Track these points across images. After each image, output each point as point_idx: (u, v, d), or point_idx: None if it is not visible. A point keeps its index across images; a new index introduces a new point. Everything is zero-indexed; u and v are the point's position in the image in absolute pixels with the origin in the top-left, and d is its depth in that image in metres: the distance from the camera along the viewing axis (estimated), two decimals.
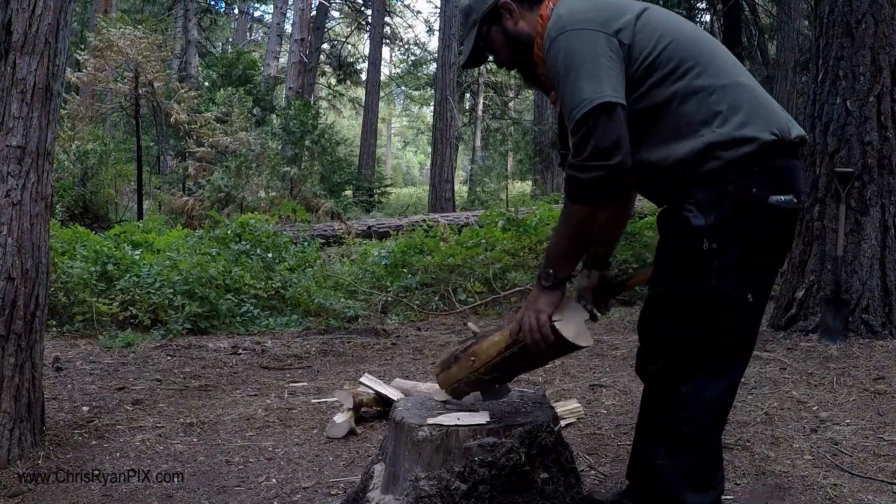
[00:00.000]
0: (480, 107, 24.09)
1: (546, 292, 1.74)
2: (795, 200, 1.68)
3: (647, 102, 1.69)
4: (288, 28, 20.44)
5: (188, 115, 12.75)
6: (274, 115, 16.90)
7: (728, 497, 2.21)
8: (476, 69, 23.24)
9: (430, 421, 1.86)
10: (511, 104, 26.25)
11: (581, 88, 1.61)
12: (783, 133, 1.68)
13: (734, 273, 1.66)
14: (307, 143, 15.45)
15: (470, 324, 2.14)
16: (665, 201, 1.78)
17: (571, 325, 1.75)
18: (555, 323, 1.73)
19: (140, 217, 10.45)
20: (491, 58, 1.96)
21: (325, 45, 25.16)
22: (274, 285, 6.02)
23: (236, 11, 26.86)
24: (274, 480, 2.54)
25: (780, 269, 1.85)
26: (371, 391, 3.13)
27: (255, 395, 3.67)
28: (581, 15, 1.71)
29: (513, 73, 2.06)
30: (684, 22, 1.84)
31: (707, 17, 12.02)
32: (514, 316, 1.84)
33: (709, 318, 1.69)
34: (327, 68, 26.75)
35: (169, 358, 4.42)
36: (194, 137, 13.32)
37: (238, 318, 5.52)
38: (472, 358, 1.92)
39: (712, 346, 1.70)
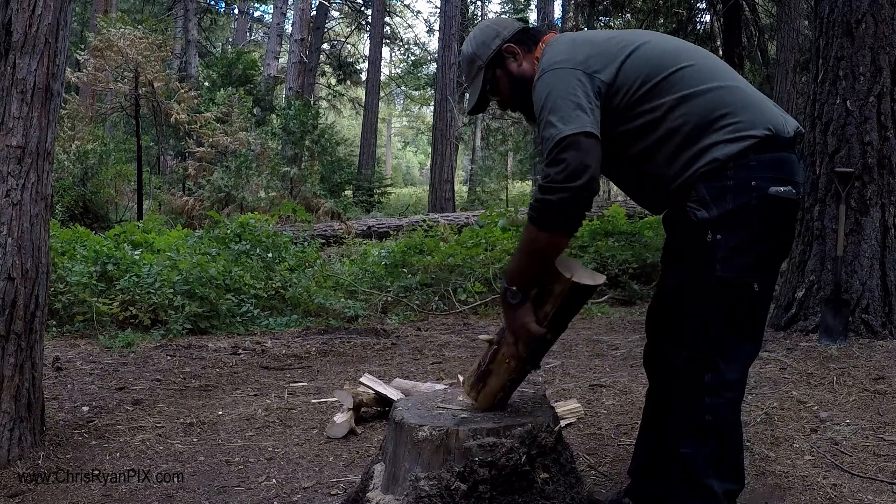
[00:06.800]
0: None
1: (519, 308, 1.81)
2: (794, 192, 1.76)
3: (641, 121, 1.79)
4: (288, 28, 20.45)
5: (188, 115, 12.75)
6: (274, 115, 16.92)
7: None
8: None
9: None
10: None
11: (554, 121, 1.71)
12: (777, 128, 1.76)
13: (738, 262, 1.73)
14: (307, 143, 15.46)
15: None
16: (667, 206, 1.87)
17: (582, 273, 1.81)
18: (573, 279, 1.76)
19: (140, 217, 10.45)
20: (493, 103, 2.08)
21: (325, 45, 25.15)
22: (274, 285, 6.02)
23: (236, 11, 26.86)
24: (274, 480, 2.54)
25: (784, 260, 1.90)
26: (371, 391, 3.13)
27: (255, 395, 3.67)
28: (561, 55, 1.82)
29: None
30: (673, 40, 1.93)
31: (707, 17, 12.02)
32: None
33: (719, 307, 1.75)
34: (327, 68, 26.74)
35: (169, 358, 4.42)
36: (194, 137, 13.32)
37: (238, 318, 5.52)
38: (507, 361, 1.90)
39: (724, 335, 1.77)
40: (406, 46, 28.67)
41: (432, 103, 20.01)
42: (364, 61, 26.26)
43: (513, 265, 1.82)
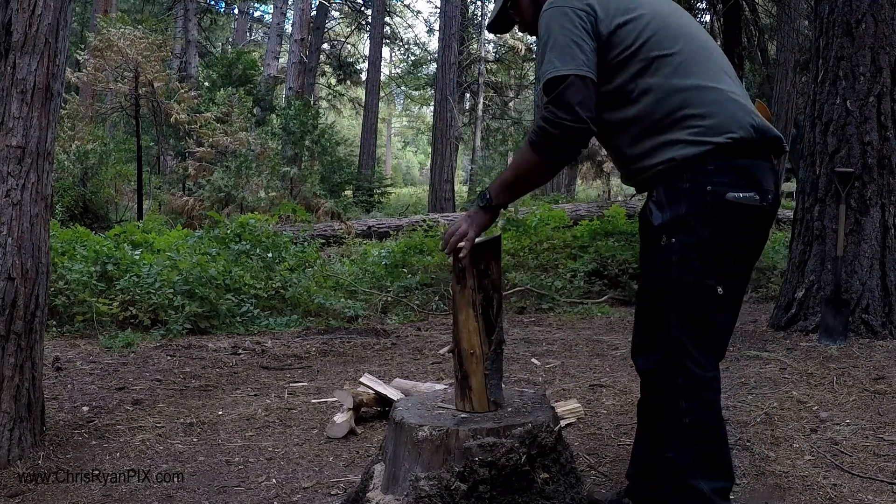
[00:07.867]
0: (480, 107, 24.07)
1: (480, 212, 1.92)
2: (758, 198, 1.74)
3: (618, 93, 1.81)
4: (288, 28, 20.45)
5: (188, 115, 12.74)
6: (274, 115, 16.91)
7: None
8: (476, 69, 23.30)
9: None
10: (511, 104, 26.24)
11: (553, 58, 1.76)
12: (747, 135, 1.74)
13: (696, 265, 1.73)
14: (307, 143, 15.46)
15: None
16: (631, 182, 1.93)
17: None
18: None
19: (140, 217, 10.44)
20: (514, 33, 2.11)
21: (325, 45, 25.15)
22: (274, 285, 6.02)
23: (236, 11, 26.86)
24: (274, 480, 2.54)
25: (753, 265, 1.90)
26: (371, 391, 3.13)
27: (255, 395, 3.67)
28: None
29: (512, 73, 2.15)
30: (680, 19, 1.89)
31: (707, 17, 12.02)
32: (511, 317, 1.87)
33: (681, 309, 1.76)
34: (327, 68, 26.75)
35: (169, 358, 4.42)
36: (194, 137, 13.31)
37: (238, 318, 5.51)
38: (472, 352, 1.94)
39: (690, 337, 1.77)
40: (406, 46, 28.68)
41: (432, 103, 20.01)
42: (364, 61, 26.28)
43: (501, 176, 1.91)
